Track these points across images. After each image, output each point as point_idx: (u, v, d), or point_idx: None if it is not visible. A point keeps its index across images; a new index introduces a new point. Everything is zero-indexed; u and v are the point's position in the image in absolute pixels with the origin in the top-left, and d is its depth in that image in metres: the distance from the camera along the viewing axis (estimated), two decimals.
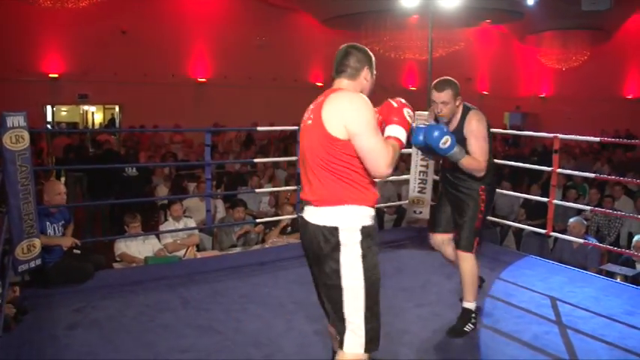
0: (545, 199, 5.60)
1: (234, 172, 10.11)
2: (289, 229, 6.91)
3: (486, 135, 3.63)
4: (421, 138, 3.40)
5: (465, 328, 3.72)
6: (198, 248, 6.70)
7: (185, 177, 9.12)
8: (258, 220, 6.81)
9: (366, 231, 2.47)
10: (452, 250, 3.91)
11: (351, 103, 2.43)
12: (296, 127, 5.97)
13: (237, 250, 6.58)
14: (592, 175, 6.21)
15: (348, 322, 2.45)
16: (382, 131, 2.54)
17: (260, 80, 17.95)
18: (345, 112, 2.40)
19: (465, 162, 3.51)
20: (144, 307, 4.13)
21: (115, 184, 8.90)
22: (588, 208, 6.23)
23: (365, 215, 2.48)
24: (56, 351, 3.46)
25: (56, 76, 15.76)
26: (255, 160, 8.22)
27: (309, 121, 2.54)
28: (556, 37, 20.02)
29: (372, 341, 2.47)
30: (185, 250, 6.34)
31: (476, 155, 3.55)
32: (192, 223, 6.55)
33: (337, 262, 2.44)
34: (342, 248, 2.43)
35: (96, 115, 20.50)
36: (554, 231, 5.76)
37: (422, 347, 3.55)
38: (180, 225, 6.37)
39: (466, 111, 3.65)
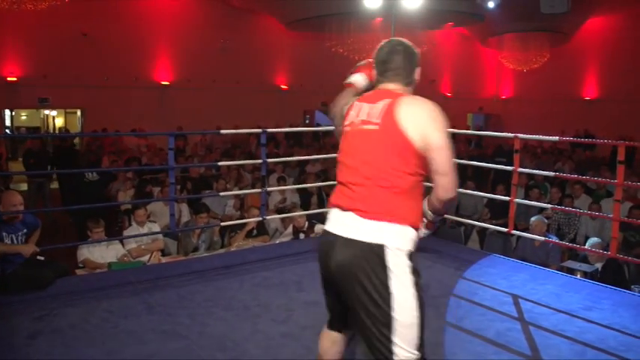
0: (507, 198, 5.69)
1: (198, 176, 10.04)
2: (255, 232, 6.89)
3: None
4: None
5: None
6: (163, 253, 6.63)
7: (149, 182, 9.01)
8: (223, 224, 6.77)
9: (412, 256, 2.25)
10: None
11: (431, 114, 2.21)
12: (259, 130, 5.98)
13: (203, 254, 6.54)
14: (552, 174, 6.33)
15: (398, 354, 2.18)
16: None
17: (224, 83, 17.88)
18: (425, 122, 2.18)
19: None
20: (107, 314, 4.06)
21: (77, 188, 8.77)
22: (549, 206, 6.36)
23: (413, 239, 2.26)
24: None
25: (15, 79, 15.41)
26: (220, 164, 8.16)
27: (372, 126, 2.25)
28: (516, 39, 20.36)
29: None
30: (149, 255, 6.27)
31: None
32: (156, 228, 6.48)
33: (387, 286, 2.16)
34: (392, 270, 2.16)
35: (57, 119, 20.16)
36: (517, 230, 5.86)
37: None
38: (145, 230, 6.30)
39: None
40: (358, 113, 2.35)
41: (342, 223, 2.26)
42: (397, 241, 2.18)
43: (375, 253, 2.15)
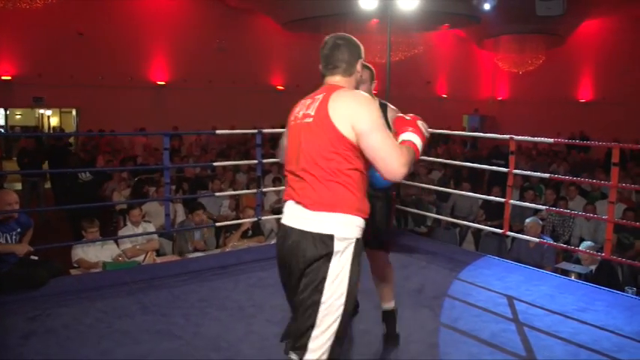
0: (502, 200, 5.70)
1: (193, 176, 10.03)
2: (250, 232, 6.89)
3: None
4: None
5: (398, 331, 3.66)
6: (158, 253, 6.62)
7: (145, 182, 9.00)
8: (218, 224, 6.76)
9: (358, 243, 2.30)
10: None
11: (358, 102, 2.28)
12: (255, 131, 5.98)
13: (198, 254, 6.53)
14: (547, 175, 6.35)
15: (311, 349, 2.23)
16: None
17: (220, 83, 17.87)
18: (352, 111, 2.24)
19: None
20: (101, 314, 4.05)
21: (71, 188, 8.76)
22: (544, 207, 6.37)
23: (360, 226, 2.30)
24: None
25: (9, 78, 15.37)
26: (215, 164, 8.15)
27: (309, 119, 2.33)
28: (512, 41, 20.41)
29: None
30: (144, 255, 6.26)
31: None
32: (151, 228, 6.47)
33: (324, 274, 2.22)
34: (334, 259, 2.22)
35: (52, 118, 20.10)
36: (512, 231, 5.87)
37: (382, 348, 3.58)
38: (140, 230, 6.29)
39: (383, 106, 3.65)
40: (301, 108, 2.44)
41: (293, 215, 2.33)
42: (344, 230, 2.25)
43: (324, 243, 2.22)
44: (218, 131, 6.75)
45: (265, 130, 6.12)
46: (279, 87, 19.74)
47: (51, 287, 4.52)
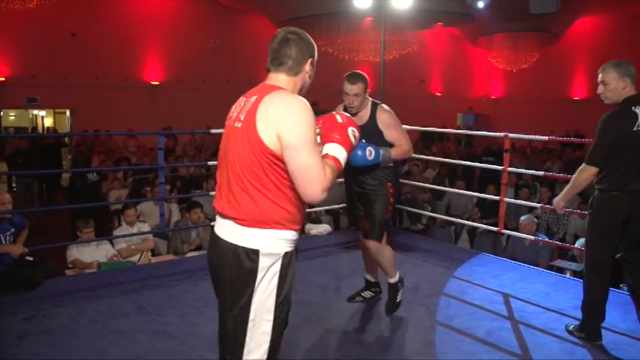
0: (497, 198, 5.71)
1: (188, 175, 10.01)
2: None
3: (399, 123, 3.86)
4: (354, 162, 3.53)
5: (398, 300, 4.00)
6: (154, 253, 6.61)
7: (140, 182, 9.00)
8: (213, 223, 6.75)
9: (287, 257, 2.17)
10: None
11: (289, 108, 2.07)
12: None
13: (193, 253, 6.52)
14: (541, 173, 6.36)
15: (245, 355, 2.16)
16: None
17: (214, 83, 17.82)
18: (280, 120, 2.04)
19: (394, 155, 3.77)
20: (97, 314, 4.04)
21: (83, 188, 8.81)
22: (538, 205, 6.39)
23: (288, 239, 2.17)
24: None
25: (3, 79, 15.30)
26: (210, 163, 8.12)
27: (238, 124, 2.15)
28: (506, 39, 20.43)
29: None
30: (139, 255, 6.25)
31: (399, 142, 3.81)
32: (146, 228, 6.46)
33: (250, 290, 2.12)
34: (259, 275, 2.12)
35: (46, 119, 20.03)
36: (506, 229, 5.88)
37: (377, 346, 3.58)
38: (134, 230, 6.27)
39: (375, 106, 3.84)
40: (236, 108, 2.26)
41: (222, 225, 2.21)
42: (271, 245, 2.13)
43: (250, 258, 2.11)
44: (213, 130, 6.72)
45: None
46: None
47: (46, 288, 4.51)
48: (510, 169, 5.58)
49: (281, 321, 2.20)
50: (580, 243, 6.18)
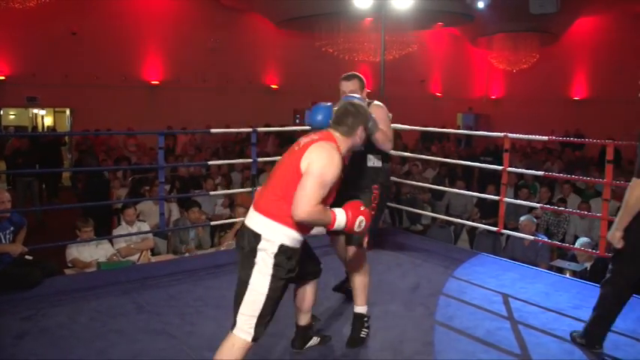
0: (497, 198, 5.71)
1: (188, 175, 10.01)
2: None
3: (387, 119, 3.79)
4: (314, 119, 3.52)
5: (362, 335, 3.59)
6: (153, 252, 6.61)
7: (140, 181, 9.00)
8: (213, 223, 6.75)
9: (283, 249, 2.72)
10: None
11: (325, 154, 2.73)
12: (250, 130, 5.96)
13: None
14: (540, 173, 6.35)
15: (241, 312, 2.75)
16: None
17: (214, 83, 17.83)
18: (315, 157, 2.71)
19: (376, 135, 3.47)
20: (96, 313, 4.04)
21: (99, 186, 8.84)
22: (538, 205, 6.39)
23: (289, 236, 2.74)
24: None
25: (3, 78, 15.30)
26: (210, 163, 8.14)
27: (297, 147, 2.83)
28: (506, 39, 20.42)
29: (257, 335, 2.77)
30: (139, 254, 6.24)
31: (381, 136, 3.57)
32: (145, 227, 6.46)
33: (252, 263, 2.72)
34: (258, 254, 2.72)
35: (46, 118, 20.02)
36: (506, 229, 5.88)
37: (376, 345, 3.58)
38: (134, 229, 6.27)
39: (369, 103, 3.81)
40: (302, 139, 2.90)
41: (249, 217, 2.86)
42: (271, 233, 2.72)
43: (255, 238, 2.74)
44: (213, 130, 6.72)
45: (260, 129, 6.11)
46: (273, 86, 19.71)
47: (45, 287, 4.50)
48: (510, 169, 5.58)
49: (272, 299, 2.74)
50: (580, 243, 6.19)
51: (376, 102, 3.90)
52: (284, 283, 2.79)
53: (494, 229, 5.74)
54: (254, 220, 2.79)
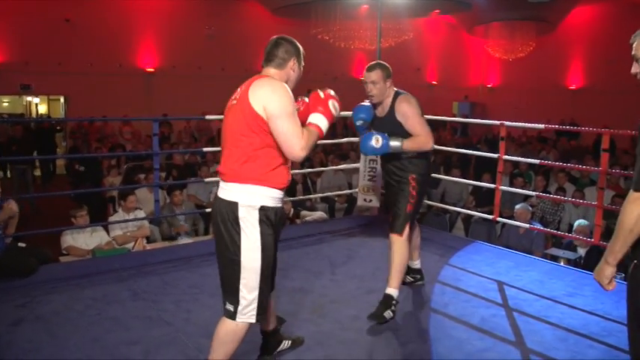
0: (492, 186, 5.72)
1: (183, 163, 9.99)
2: None
3: (418, 113, 3.75)
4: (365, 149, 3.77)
5: (385, 315, 3.63)
6: (149, 240, 6.60)
7: (135, 169, 8.97)
8: (209, 210, 6.74)
9: (264, 211, 2.62)
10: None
11: (273, 89, 2.61)
12: None
13: (187, 240, 6.52)
14: (537, 161, 6.36)
15: (242, 297, 2.64)
16: (306, 119, 2.75)
17: (209, 70, 17.75)
18: (266, 96, 2.57)
19: (407, 146, 3.67)
20: (91, 301, 4.04)
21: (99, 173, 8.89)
22: (534, 193, 6.40)
23: (267, 196, 2.63)
24: None
25: None
26: (205, 150, 8.10)
27: (235, 101, 2.69)
28: (503, 28, 20.40)
29: (260, 313, 2.70)
30: (134, 242, 6.23)
31: (416, 132, 3.70)
32: (142, 215, 6.44)
33: (238, 237, 2.61)
34: (242, 224, 2.60)
35: (40, 106, 19.93)
36: (501, 217, 5.89)
37: (372, 332, 3.59)
38: (131, 217, 6.26)
39: (396, 96, 3.79)
40: (235, 94, 2.76)
41: (220, 187, 2.73)
42: (248, 198, 2.60)
43: (231, 209, 2.60)
44: (208, 116, 6.70)
45: None
46: None
47: (40, 274, 4.49)
48: (506, 157, 5.58)
49: (267, 263, 2.67)
50: (578, 225, 6.22)
51: (402, 94, 3.83)
52: (273, 246, 2.72)
53: (490, 217, 5.76)
54: (226, 191, 2.65)
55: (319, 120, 2.73)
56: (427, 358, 3.31)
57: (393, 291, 3.73)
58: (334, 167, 8.47)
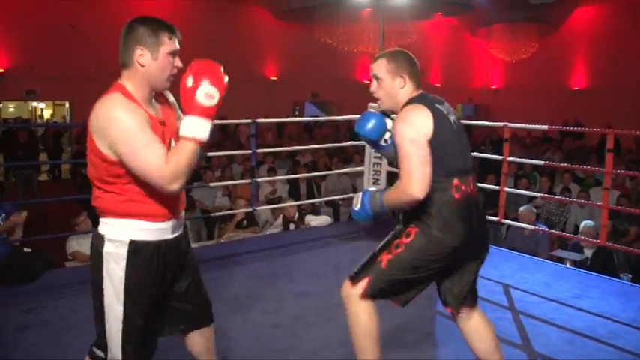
0: (497, 188, 5.71)
1: None
2: (245, 223, 6.88)
3: (411, 138, 2.35)
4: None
5: None
6: None
7: None
8: (213, 215, 6.76)
9: (136, 245, 2.10)
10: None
11: (105, 115, 2.02)
12: (249, 121, 5.93)
13: (192, 245, 6.51)
14: (541, 162, 6.34)
15: (109, 348, 2.18)
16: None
17: None
18: (104, 129, 2.00)
19: (387, 201, 2.52)
20: None
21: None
22: (538, 195, 6.39)
23: (140, 228, 2.12)
24: (4, 353, 3.36)
25: (1, 71, 15.26)
26: (210, 154, 8.11)
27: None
28: (505, 29, 20.39)
29: None
30: None
31: (400, 171, 2.36)
32: None
33: (101, 275, 2.10)
34: (105, 260, 2.09)
35: (45, 111, 20.00)
36: (506, 219, 5.88)
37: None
38: None
39: (405, 105, 2.55)
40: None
41: None
42: (114, 231, 2.10)
43: (99, 242, 2.11)
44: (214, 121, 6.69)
45: (260, 120, 6.08)
46: (272, 77, 19.65)
47: (46, 279, 4.50)
48: (510, 158, 5.57)
49: (134, 309, 2.12)
50: (584, 225, 6.20)
51: (414, 102, 2.56)
52: (144, 290, 2.14)
53: (495, 219, 5.75)
54: (100, 222, 2.15)
55: (195, 127, 2.07)
56: None
57: None
58: (338, 171, 8.47)
